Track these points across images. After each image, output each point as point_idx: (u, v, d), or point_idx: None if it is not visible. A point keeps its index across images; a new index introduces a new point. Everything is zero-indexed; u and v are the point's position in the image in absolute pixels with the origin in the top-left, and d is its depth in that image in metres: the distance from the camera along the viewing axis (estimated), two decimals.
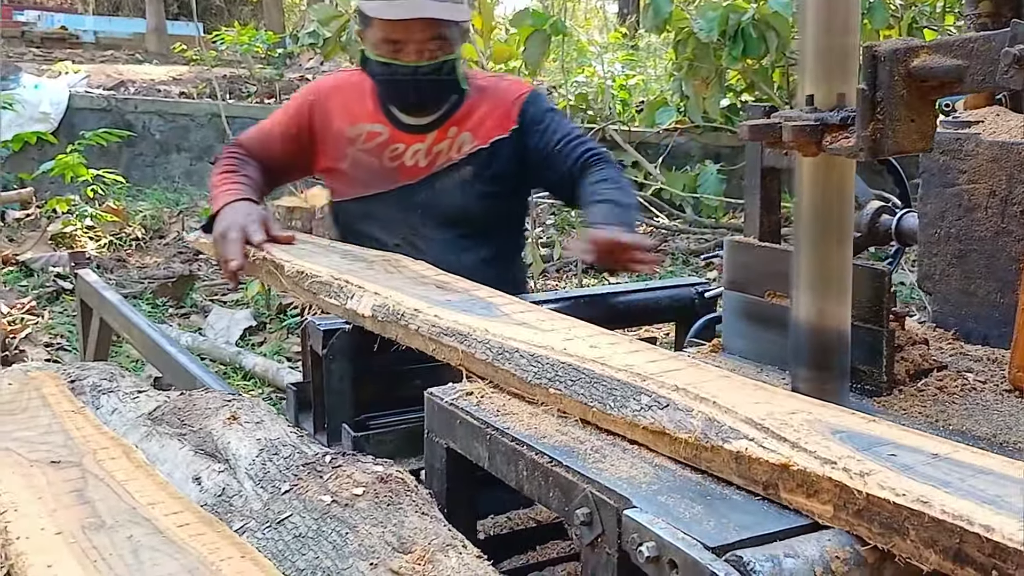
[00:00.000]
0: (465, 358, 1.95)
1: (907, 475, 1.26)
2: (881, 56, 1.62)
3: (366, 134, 2.98)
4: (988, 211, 2.12)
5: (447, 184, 2.97)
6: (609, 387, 1.66)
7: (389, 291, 2.22)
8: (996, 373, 1.95)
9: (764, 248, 2.07)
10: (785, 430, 1.40)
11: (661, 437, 1.55)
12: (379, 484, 1.61)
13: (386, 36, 2.85)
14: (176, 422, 2.06)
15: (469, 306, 2.12)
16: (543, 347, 1.82)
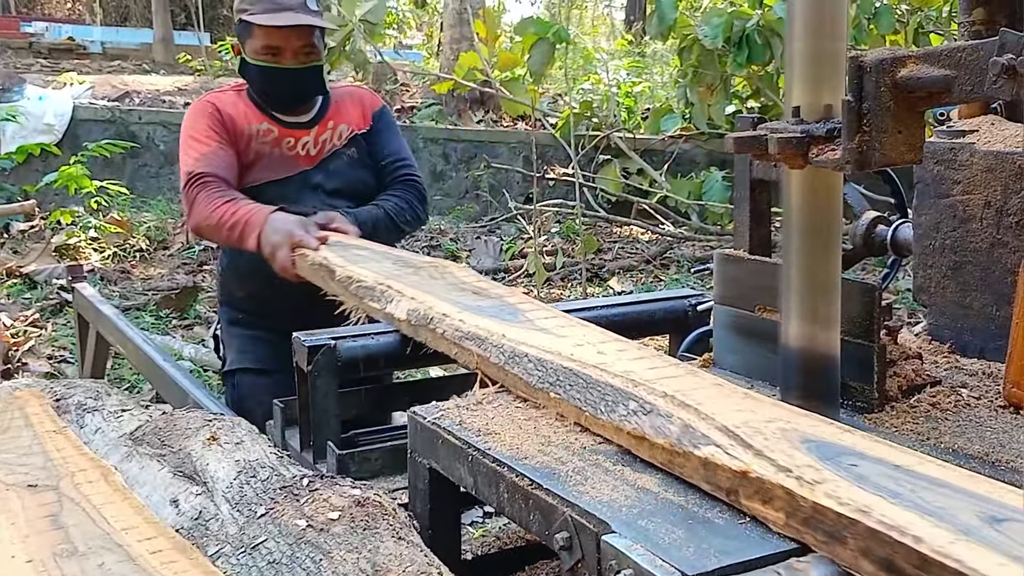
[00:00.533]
0: (481, 361, 1.99)
1: (859, 485, 1.27)
2: (867, 66, 1.58)
3: (263, 131, 3.34)
4: (983, 222, 2.08)
5: (338, 165, 3.41)
6: (603, 392, 1.69)
7: (425, 296, 2.28)
8: (991, 388, 1.91)
9: (754, 261, 2.03)
10: (755, 438, 1.42)
11: (641, 442, 1.57)
12: (356, 508, 1.58)
13: (267, 43, 3.24)
14: (156, 442, 2.02)
15: (496, 312, 2.15)
16: (551, 352, 1.85)
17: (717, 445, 1.43)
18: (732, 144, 1.74)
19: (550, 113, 11.32)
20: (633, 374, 1.70)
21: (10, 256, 9.41)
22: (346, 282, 2.55)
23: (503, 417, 1.81)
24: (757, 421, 1.48)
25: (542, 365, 1.83)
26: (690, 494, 1.48)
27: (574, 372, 1.76)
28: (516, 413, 1.83)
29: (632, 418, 1.60)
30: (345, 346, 2.36)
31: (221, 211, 3.09)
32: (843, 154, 1.60)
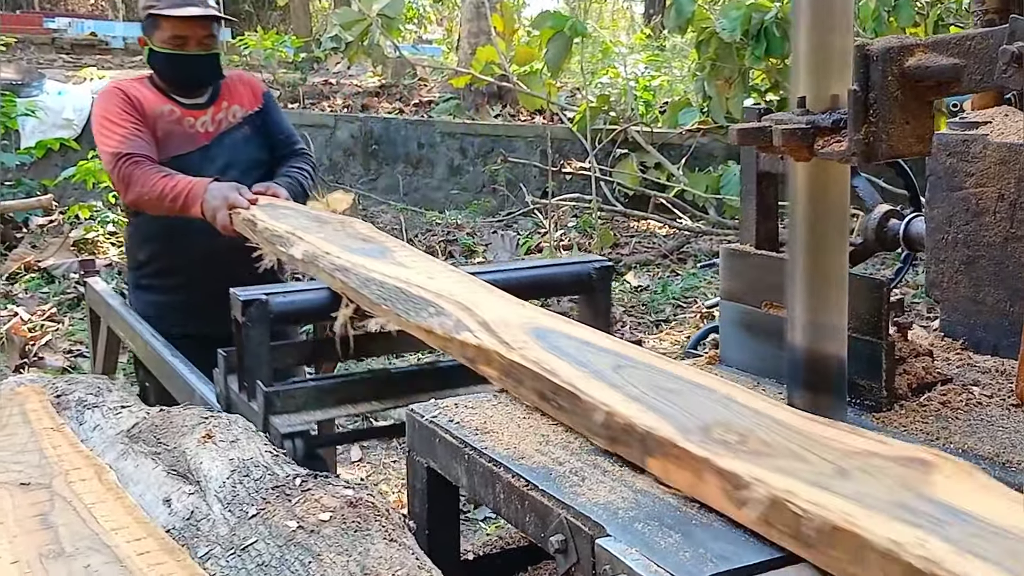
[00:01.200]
0: (344, 287, 2.49)
1: (549, 351, 1.83)
2: (873, 55, 1.53)
3: (167, 112, 3.74)
4: (997, 215, 2.02)
5: (234, 140, 3.84)
6: (415, 303, 2.19)
7: (320, 242, 2.77)
8: (1004, 386, 1.86)
9: (760, 256, 1.98)
10: (499, 327, 1.96)
11: (430, 334, 2.07)
12: (348, 509, 1.54)
13: (174, 33, 3.67)
14: (152, 440, 2.00)
15: (370, 252, 2.67)
16: (393, 277, 2.38)
17: (472, 332, 1.96)
18: (736, 136, 1.70)
19: (567, 107, 11.26)
20: (443, 290, 2.23)
21: (28, 250, 9.41)
22: (264, 232, 3.08)
23: (502, 416, 1.78)
24: (511, 317, 2.03)
25: (383, 286, 2.33)
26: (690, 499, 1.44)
27: (401, 290, 2.28)
28: (515, 412, 1.80)
29: (428, 319, 2.08)
30: (276, 300, 2.68)
31: (161, 185, 3.51)
32: (849, 145, 1.55)
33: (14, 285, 8.56)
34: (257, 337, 2.60)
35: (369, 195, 11.00)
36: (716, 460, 1.38)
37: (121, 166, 3.57)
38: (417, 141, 11.36)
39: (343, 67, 15.23)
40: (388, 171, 11.35)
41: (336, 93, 13.13)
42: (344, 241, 2.78)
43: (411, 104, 12.70)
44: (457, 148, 11.30)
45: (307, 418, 2.51)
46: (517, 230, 9.99)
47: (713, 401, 1.60)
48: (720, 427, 1.48)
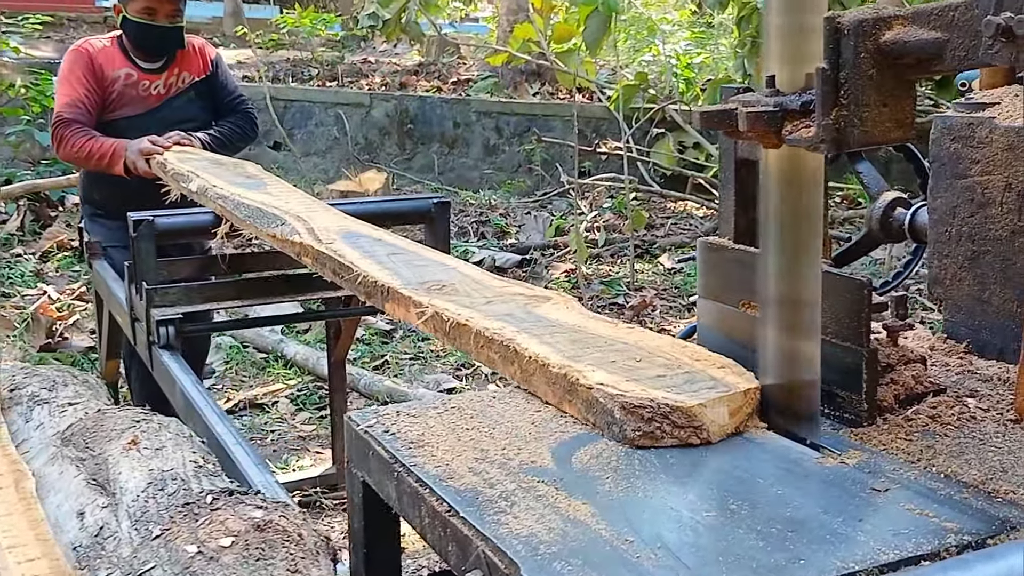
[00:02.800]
0: (222, 210, 3.25)
1: (349, 245, 2.52)
2: (845, 28, 1.35)
3: (124, 75, 4.32)
4: (1003, 207, 1.83)
5: (181, 103, 4.45)
6: (269, 218, 2.90)
7: (212, 179, 3.45)
8: (1003, 398, 1.67)
9: (739, 251, 1.80)
10: (321, 232, 2.64)
11: (274, 239, 2.80)
12: (253, 533, 1.40)
13: (146, 5, 4.22)
14: (81, 444, 1.87)
15: (248, 185, 3.39)
16: (258, 202, 3.06)
17: (300, 235, 2.66)
18: (700, 119, 1.52)
19: (606, 86, 11.03)
20: (292, 210, 2.91)
21: (63, 229, 9.38)
22: (171, 173, 3.81)
23: (442, 426, 1.62)
24: (333, 225, 2.72)
25: (248, 208, 3.04)
26: (623, 527, 1.28)
27: (261, 210, 2.98)
28: (459, 422, 1.64)
29: (274, 228, 2.81)
30: (161, 220, 3.42)
31: (88, 146, 4.17)
32: (817, 131, 1.37)
33: (46, 263, 8.52)
34: (145, 249, 3.35)
35: (404, 175, 10.87)
36: (415, 296, 2.07)
37: (57, 127, 4.23)
38: (453, 120, 11.20)
39: (389, 45, 15.08)
40: (423, 150, 11.21)
41: (375, 72, 12.99)
42: (231, 177, 3.53)
43: (449, 83, 12.53)
44: (493, 127, 11.12)
45: (179, 310, 3.26)
46: (551, 211, 9.82)
47: (441, 270, 2.29)
48: (433, 283, 2.15)
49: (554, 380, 1.67)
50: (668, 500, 1.37)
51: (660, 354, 1.74)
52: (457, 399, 1.72)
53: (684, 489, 1.40)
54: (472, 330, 1.86)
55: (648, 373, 1.64)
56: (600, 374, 1.62)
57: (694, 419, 1.53)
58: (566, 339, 1.79)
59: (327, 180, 10.15)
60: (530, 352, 1.72)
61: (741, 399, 1.58)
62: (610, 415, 1.55)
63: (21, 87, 10.13)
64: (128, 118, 4.35)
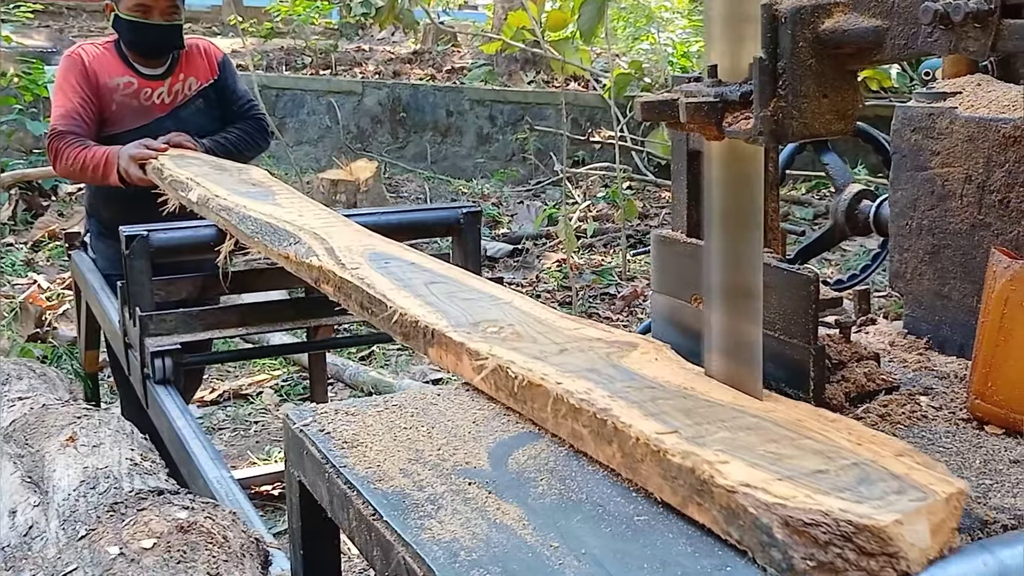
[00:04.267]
0: (226, 224, 2.85)
1: (377, 270, 2.12)
2: (782, 16, 1.31)
3: (123, 84, 3.94)
4: (964, 200, 1.79)
5: (188, 112, 4.06)
6: (280, 236, 2.54)
7: (214, 187, 3.11)
8: (958, 396, 1.63)
9: (690, 245, 1.76)
10: (343, 252, 2.28)
11: (287, 260, 2.42)
12: (176, 534, 1.37)
13: (139, 2, 3.85)
14: (21, 440, 1.83)
15: (255, 195, 3.02)
16: (267, 215, 2.72)
17: (318, 256, 2.29)
18: (641, 110, 1.48)
19: (600, 74, 10.98)
20: (306, 225, 2.57)
21: (55, 218, 9.36)
22: (168, 180, 3.44)
23: (380, 425, 1.58)
24: (355, 244, 2.36)
25: (256, 222, 2.69)
26: (550, 532, 1.24)
27: (270, 225, 2.64)
28: (397, 421, 1.60)
29: (288, 247, 2.44)
30: (156, 236, 3.08)
31: (82, 157, 3.81)
32: (756, 123, 1.33)
33: (37, 253, 8.51)
34: (139, 268, 3.03)
35: (396, 163, 10.83)
36: (469, 343, 1.68)
37: (52, 141, 3.87)
38: (446, 108, 11.16)
39: (387, 33, 15.02)
40: (416, 139, 11.17)
41: (368, 60, 12.94)
42: (235, 186, 3.17)
43: (444, 71, 12.48)
44: (486, 116, 11.08)
45: (176, 339, 2.92)
46: (544, 200, 9.78)
47: (493, 305, 1.89)
48: (487, 323, 1.78)
49: (674, 473, 1.25)
50: (601, 503, 1.33)
51: (806, 433, 1.31)
52: (399, 396, 1.68)
53: (618, 490, 1.36)
54: (549, 393, 1.46)
55: (803, 465, 1.21)
56: (738, 467, 1.20)
57: (888, 543, 1.07)
58: (676, 408, 1.38)
59: (318, 169, 10.10)
60: (635, 430, 1.31)
61: (944, 510, 1.13)
62: (766, 533, 1.11)
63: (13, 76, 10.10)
64: (131, 131, 3.92)
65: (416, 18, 11.16)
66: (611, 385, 1.46)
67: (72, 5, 17.13)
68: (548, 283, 7.51)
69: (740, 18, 1.40)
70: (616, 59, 11.46)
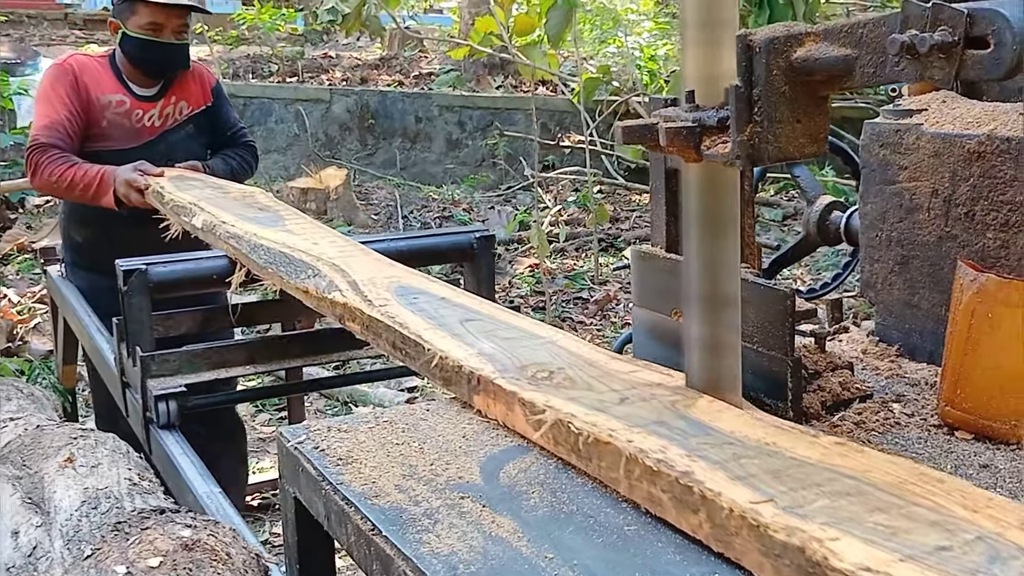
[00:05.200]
0: (236, 253, 2.68)
1: (407, 307, 1.99)
2: (757, 46, 1.37)
3: (116, 102, 3.81)
4: (931, 212, 1.86)
5: (178, 137, 3.93)
6: (296, 266, 2.38)
7: (219, 211, 2.94)
8: (929, 402, 1.70)
9: (669, 260, 1.82)
10: (367, 286, 2.12)
11: (307, 294, 2.24)
12: (181, 552, 1.41)
13: (152, 20, 3.72)
14: (18, 461, 1.87)
15: (265, 220, 2.86)
16: (279, 243, 2.56)
17: (341, 291, 2.13)
18: (621, 135, 1.54)
19: (569, 79, 11.05)
20: (324, 255, 2.41)
21: (23, 231, 9.32)
22: (170, 203, 3.27)
23: (373, 442, 1.63)
24: (378, 277, 2.20)
25: (269, 251, 2.53)
26: (544, 544, 1.30)
27: (284, 254, 2.48)
28: (389, 437, 1.65)
29: (306, 280, 2.27)
30: (156, 270, 2.86)
31: (69, 174, 3.62)
32: (733, 147, 1.39)
33: (6, 266, 8.47)
34: (138, 305, 2.81)
35: (365, 170, 10.86)
36: (521, 393, 1.55)
37: (32, 153, 3.68)
38: (415, 115, 11.20)
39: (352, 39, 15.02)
40: (385, 146, 11.20)
41: (335, 66, 12.95)
42: (241, 210, 3.00)
43: (411, 76, 12.51)
44: (456, 121, 11.12)
45: (181, 381, 2.70)
46: (515, 205, 9.83)
47: (538, 346, 1.77)
48: (535, 366, 1.66)
49: (778, 551, 1.09)
50: (592, 514, 1.38)
51: (913, 499, 1.17)
52: (390, 413, 1.73)
53: (608, 501, 1.42)
54: (621, 452, 1.34)
55: (922, 541, 1.07)
56: (852, 545, 1.05)
57: None
58: (763, 469, 1.25)
59: (288, 177, 10.12)
60: (725, 498, 1.17)
61: None
62: None
63: None
64: (116, 151, 3.78)
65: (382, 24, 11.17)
66: (686, 441, 1.33)
67: (32, 13, 17.04)
68: (521, 288, 7.56)
69: (715, 47, 1.46)
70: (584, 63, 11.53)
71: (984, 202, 1.76)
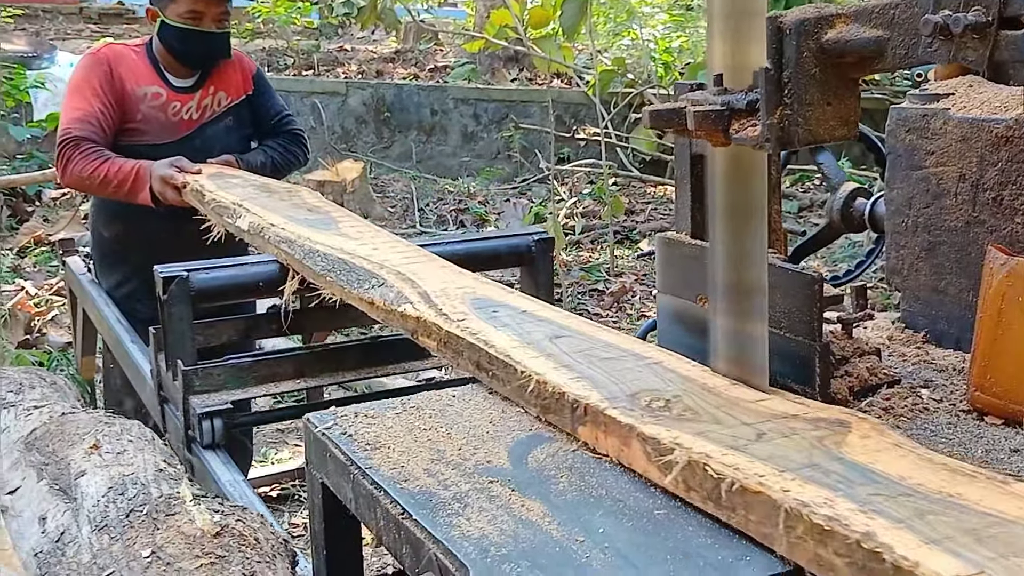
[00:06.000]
0: (288, 258, 2.50)
1: (487, 321, 1.80)
2: (787, 28, 1.36)
3: (151, 94, 3.64)
4: (958, 198, 1.84)
5: (216, 130, 3.76)
6: (358, 274, 2.19)
7: (266, 212, 2.77)
8: (957, 388, 1.69)
9: (695, 246, 1.81)
10: (439, 298, 1.94)
11: (372, 306, 2.06)
12: (209, 537, 1.40)
13: (192, 8, 3.57)
14: (45, 448, 1.87)
15: (316, 223, 2.66)
16: (337, 249, 2.37)
17: (412, 303, 1.94)
18: (648, 119, 1.53)
19: (584, 71, 11.04)
20: (387, 262, 2.23)
21: (40, 224, 9.35)
22: (211, 203, 3.07)
23: (400, 427, 1.63)
24: (451, 288, 2.02)
25: (326, 258, 2.34)
26: (574, 528, 1.29)
27: (344, 261, 2.28)
28: (417, 422, 1.64)
29: (370, 291, 2.09)
30: (198, 277, 2.65)
31: (103, 169, 3.45)
32: (762, 131, 1.38)
33: (24, 259, 8.50)
34: (178, 315, 2.60)
35: (381, 163, 10.86)
36: (640, 426, 1.37)
37: (64, 147, 3.49)
38: (430, 107, 11.19)
39: (367, 33, 15.03)
40: (401, 138, 11.20)
41: (351, 60, 12.96)
42: (290, 211, 2.81)
43: (426, 69, 12.51)
44: (471, 114, 11.12)
45: (226, 397, 2.54)
46: (531, 197, 9.83)
47: (643, 368, 1.58)
48: (647, 394, 1.47)
49: None
50: (621, 498, 1.38)
51: None
52: (416, 399, 1.73)
53: (636, 485, 1.41)
54: (777, 504, 1.14)
55: None
56: None
57: None
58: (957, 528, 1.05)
59: (304, 170, 10.12)
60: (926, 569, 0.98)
61: None
62: None
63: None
64: (152, 146, 3.60)
65: (398, 17, 11.18)
66: (852, 491, 1.14)
67: (48, 8, 17.09)
68: None
69: (743, 29, 1.46)
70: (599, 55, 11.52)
71: (1012, 187, 1.75)
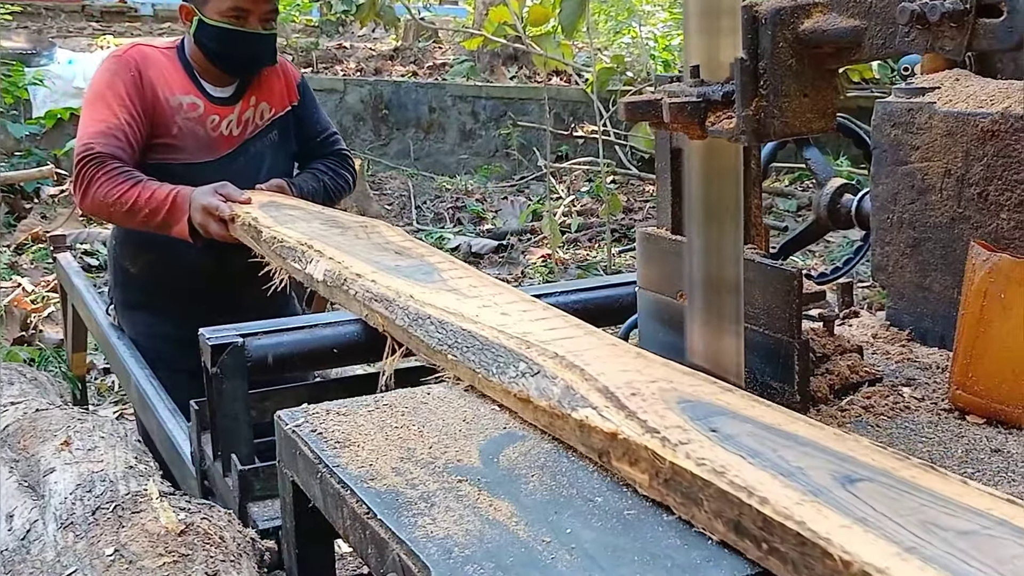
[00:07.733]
0: (387, 324, 1.95)
1: (723, 444, 1.23)
2: (763, 17, 1.33)
3: (188, 104, 3.13)
4: (943, 193, 1.82)
5: (260, 147, 3.25)
6: (495, 353, 1.62)
7: (344, 256, 2.22)
8: (939, 387, 1.66)
9: (675, 242, 1.78)
10: (632, 399, 1.37)
11: (526, 404, 1.52)
12: (174, 535, 1.38)
13: (235, 4, 3.05)
14: (17, 445, 1.84)
15: (412, 272, 2.10)
16: (454, 313, 1.80)
17: (593, 407, 1.38)
18: (624, 111, 1.50)
19: (582, 69, 11.01)
20: (530, 335, 1.64)
21: (38, 221, 9.34)
22: (271, 242, 2.50)
23: (371, 424, 1.60)
24: (640, 381, 1.43)
25: (443, 327, 1.77)
26: (542, 528, 1.26)
27: (472, 334, 1.70)
28: (388, 420, 1.62)
29: (520, 380, 1.54)
30: (255, 344, 2.13)
31: (133, 194, 2.91)
32: (738, 123, 1.36)
33: (21, 256, 8.49)
34: (231, 392, 2.08)
35: (379, 161, 10.83)
36: None
37: (85, 165, 2.95)
38: (428, 105, 11.17)
39: (367, 30, 15.01)
40: (399, 136, 11.17)
41: (349, 57, 12.94)
42: (374, 255, 2.25)
43: (425, 67, 12.48)
44: (469, 112, 11.09)
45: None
46: (529, 195, 9.81)
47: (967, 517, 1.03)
48: None
49: None
50: (591, 497, 1.35)
51: None
52: (389, 396, 1.70)
53: (608, 484, 1.38)
54: None
55: None
56: None
57: None
58: None
59: None
60: None
61: None
62: None
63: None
64: (188, 165, 3.10)
65: (397, 15, 11.15)
66: None
67: (50, 6, 17.06)
68: (533, 279, 7.54)
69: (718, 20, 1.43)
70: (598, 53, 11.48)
71: (998, 182, 1.72)
